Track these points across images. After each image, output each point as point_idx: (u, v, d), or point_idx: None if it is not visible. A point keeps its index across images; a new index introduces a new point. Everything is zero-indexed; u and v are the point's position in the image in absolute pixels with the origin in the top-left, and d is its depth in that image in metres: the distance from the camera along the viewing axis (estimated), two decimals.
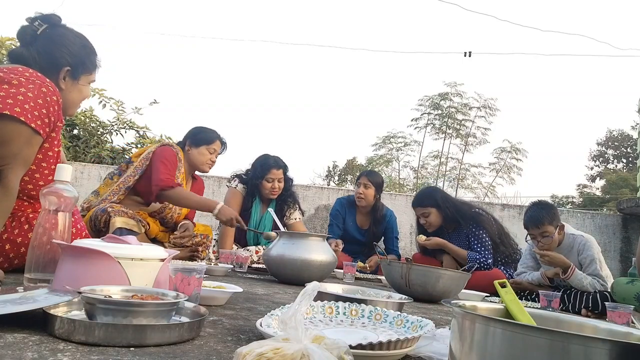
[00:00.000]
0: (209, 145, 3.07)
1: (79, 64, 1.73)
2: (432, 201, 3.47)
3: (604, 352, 0.64)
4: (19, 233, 1.61)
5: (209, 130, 3.14)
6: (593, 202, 22.41)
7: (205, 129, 3.15)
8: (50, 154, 1.63)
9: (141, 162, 2.90)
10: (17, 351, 0.77)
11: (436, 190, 3.75)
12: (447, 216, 3.45)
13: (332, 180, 22.54)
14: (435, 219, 3.48)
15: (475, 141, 16.22)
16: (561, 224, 2.93)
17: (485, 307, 0.93)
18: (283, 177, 3.48)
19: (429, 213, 3.47)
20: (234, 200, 3.48)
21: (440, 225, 3.52)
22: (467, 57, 10.07)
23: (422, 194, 3.65)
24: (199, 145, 3.06)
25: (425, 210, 3.49)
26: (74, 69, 1.72)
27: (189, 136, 3.13)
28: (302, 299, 0.76)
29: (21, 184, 1.55)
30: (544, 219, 2.86)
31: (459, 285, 2.32)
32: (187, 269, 1.24)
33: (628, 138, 25.89)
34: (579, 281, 2.78)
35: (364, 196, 3.80)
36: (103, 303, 0.92)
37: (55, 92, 1.54)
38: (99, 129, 6.10)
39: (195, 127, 3.19)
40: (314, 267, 2.35)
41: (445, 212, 3.44)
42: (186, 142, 3.09)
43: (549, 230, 2.85)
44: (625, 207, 5.63)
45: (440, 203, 3.45)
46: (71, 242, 1.23)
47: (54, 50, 1.69)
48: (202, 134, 3.11)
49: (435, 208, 3.46)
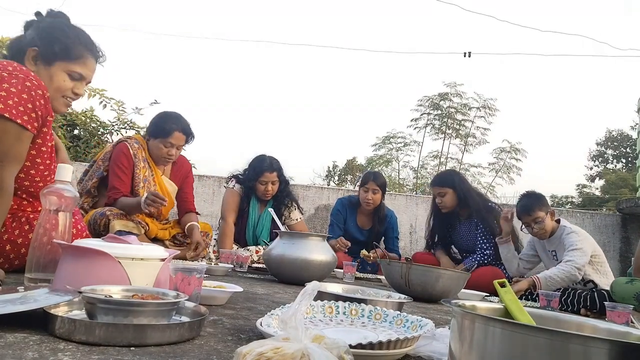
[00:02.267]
0: (164, 139, 2.81)
1: (50, 47, 1.62)
2: (450, 182, 3.62)
3: (603, 351, 0.64)
4: (19, 234, 1.60)
5: (169, 120, 2.84)
6: (592, 202, 22.43)
7: (166, 118, 2.86)
8: (44, 150, 1.60)
9: (98, 165, 2.86)
10: (17, 351, 0.77)
11: (456, 173, 3.92)
12: (462, 199, 3.57)
13: (332, 180, 22.54)
14: (451, 200, 3.60)
15: (475, 141, 16.21)
16: (552, 210, 3.10)
17: (485, 306, 0.93)
18: (277, 179, 3.47)
19: (445, 193, 3.61)
20: (231, 201, 3.48)
21: (454, 207, 3.63)
22: (467, 57, 10.05)
23: (442, 174, 3.90)
24: (155, 137, 2.84)
25: (442, 190, 3.62)
26: (44, 51, 1.62)
27: (149, 125, 2.91)
28: (302, 298, 0.76)
29: (17, 182, 1.54)
30: (533, 206, 3.05)
31: (458, 285, 2.32)
32: (187, 268, 1.24)
33: (627, 138, 25.90)
34: (551, 280, 2.83)
35: (373, 201, 3.81)
36: (103, 303, 0.92)
37: (40, 85, 1.49)
38: (99, 129, 6.10)
39: (158, 115, 2.91)
40: (314, 266, 2.35)
41: (460, 195, 3.57)
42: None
43: (540, 216, 3.03)
44: (624, 207, 5.63)
45: (457, 185, 3.60)
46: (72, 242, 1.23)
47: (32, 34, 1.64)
48: (159, 126, 2.84)
49: (452, 189, 3.59)
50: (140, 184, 2.82)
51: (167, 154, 2.86)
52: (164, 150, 2.84)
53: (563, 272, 2.85)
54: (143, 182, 2.84)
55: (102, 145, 5.93)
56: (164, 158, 2.88)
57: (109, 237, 1.28)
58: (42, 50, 1.62)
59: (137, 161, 2.82)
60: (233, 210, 3.46)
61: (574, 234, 3.02)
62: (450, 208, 3.64)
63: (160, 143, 2.84)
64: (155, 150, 2.87)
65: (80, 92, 1.72)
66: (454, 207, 3.64)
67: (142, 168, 2.84)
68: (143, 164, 2.85)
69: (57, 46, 1.63)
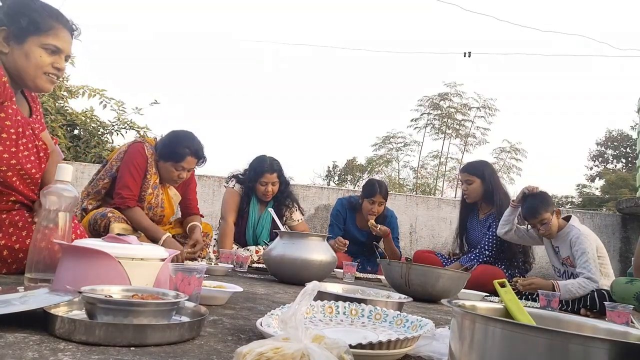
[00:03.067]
0: (176, 163, 2.72)
1: (18, 23, 1.56)
2: (480, 172, 3.59)
3: (603, 351, 0.64)
4: (16, 240, 1.60)
5: (182, 143, 2.74)
6: (592, 202, 22.43)
7: (178, 141, 2.75)
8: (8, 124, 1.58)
9: (111, 165, 2.75)
10: (17, 351, 0.77)
11: (488, 165, 3.83)
12: (487, 193, 3.55)
13: (332, 180, 22.53)
14: (476, 189, 3.58)
15: (475, 141, 16.23)
16: (557, 209, 3.07)
17: (485, 306, 0.93)
18: (277, 180, 3.47)
19: (473, 181, 3.59)
20: (231, 201, 3.48)
21: (478, 199, 3.62)
22: (467, 57, 10.07)
23: (474, 162, 3.83)
24: (166, 160, 2.74)
25: (470, 178, 3.60)
26: (14, 29, 1.56)
27: (159, 145, 2.80)
28: (302, 298, 0.76)
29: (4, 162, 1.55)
30: (540, 208, 3.00)
31: (458, 285, 2.32)
32: (188, 268, 1.24)
33: (627, 138, 25.89)
34: (568, 292, 2.81)
35: (377, 212, 3.82)
36: (103, 303, 0.92)
37: None
38: (99, 129, 6.10)
39: (169, 136, 2.81)
40: (314, 266, 2.35)
41: (487, 187, 3.54)
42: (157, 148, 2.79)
43: (546, 217, 2.99)
44: (624, 207, 5.63)
45: (486, 177, 3.57)
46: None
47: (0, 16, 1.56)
48: (171, 148, 2.74)
49: (480, 179, 3.57)
50: (149, 190, 2.74)
51: (178, 177, 2.78)
52: (174, 173, 2.76)
53: (583, 289, 2.79)
54: (152, 189, 2.76)
55: (102, 145, 5.93)
56: (174, 181, 2.81)
57: (108, 237, 1.28)
58: (11, 28, 1.56)
59: (149, 166, 2.76)
60: (233, 210, 3.46)
61: (584, 237, 2.95)
62: (475, 199, 3.61)
63: (171, 167, 2.74)
64: (165, 172, 2.78)
65: (61, 65, 1.65)
66: (479, 199, 3.61)
67: (154, 174, 2.78)
68: (154, 171, 2.78)
69: (24, 20, 1.57)
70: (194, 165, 2.81)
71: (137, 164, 2.69)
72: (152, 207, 2.80)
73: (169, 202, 2.90)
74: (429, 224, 5.51)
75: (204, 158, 2.85)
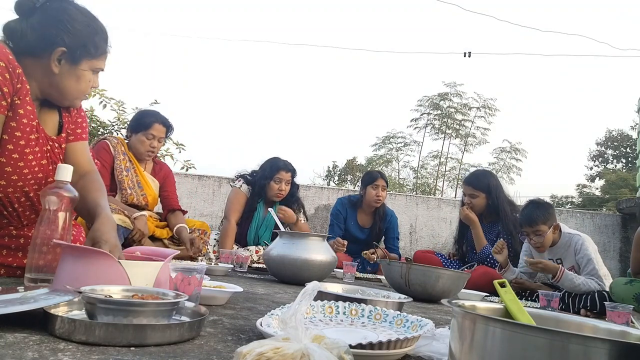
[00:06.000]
0: (146, 131, 2.94)
1: (78, 46, 1.47)
2: (485, 187, 3.51)
3: (603, 351, 0.64)
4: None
5: (148, 114, 3.01)
6: (592, 202, 22.44)
7: (144, 113, 3.02)
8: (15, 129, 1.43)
9: None
10: (17, 351, 0.77)
11: (493, 176, 3.70)
12: (492, 205, 3.48)
13: (332, 180, 22.54)
14: (480, 203, 3.52)
15: (475, 141, 16.26)
16: (556, 224, 2.95)
17: (485, 306, 0.93)
18: (291, 180, 3.50)
19: (477, 196, 3.52)
20: (236, 201, 3.48)
21: (481, 212, 3.54)
22: (467, 57, 10.07)
23: (478, 173, 3.70)
24: (137, 132, 2.96)
25: (474, 192, 3.53)
26: (72, 50, 1.46)
27: (130, 123, 3.03)
28: (302, 298, 0.76)
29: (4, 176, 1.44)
30: (538, 219, 2.90)
31: (458, 285, 2.32)
32: (188, 268, 1.24)
33: (627, 138, 25.89)
34: (570, 282, 2.77)
35: (382, 198, 3.84)
36: (103, 303, 0.92)
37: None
38: (99, 129, 6.10)
39: (136, 113, 3.08)
40: (314, 267, 2.35)
41: (492, 201, 3.48)
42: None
43: (542, 230, 2.89)
44: (624, 207, 5.64)
45: (491, 190, 3.49)
46: None
47: (49, 27, 1.44)
48: (139, 120, 2.98)
49: (485, 193, 3.50)
50: (123, 173, 2.91)
51: (150, 147, 2.96)
52: (146, 143, 2.94)
53: (588, 286, 2.76)
54: (126, 172, 2.92)
55: None
56: (147, 152, 2.98)
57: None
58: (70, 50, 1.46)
59: (117, 154, 2.93)
60: (237, 210, 3.46)
61: (588, 243, 2.91)
62: (479, 212, 3.54)
63: (142, 136, 2.94)
64: (138, 144, 2.96)
65: (97, 84, 1.59)
66: (482, 211, 3.55)
67: (122, 160, 2.93)
68: (123, 157, 2.95)
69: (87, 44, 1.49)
70: (162, 133, 3.00)
71: (103, 159, 2.87)
72: (132, 188, 2.92)
73: (147, 185, 3.01)
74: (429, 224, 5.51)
75: (171, 126, 3.04)
